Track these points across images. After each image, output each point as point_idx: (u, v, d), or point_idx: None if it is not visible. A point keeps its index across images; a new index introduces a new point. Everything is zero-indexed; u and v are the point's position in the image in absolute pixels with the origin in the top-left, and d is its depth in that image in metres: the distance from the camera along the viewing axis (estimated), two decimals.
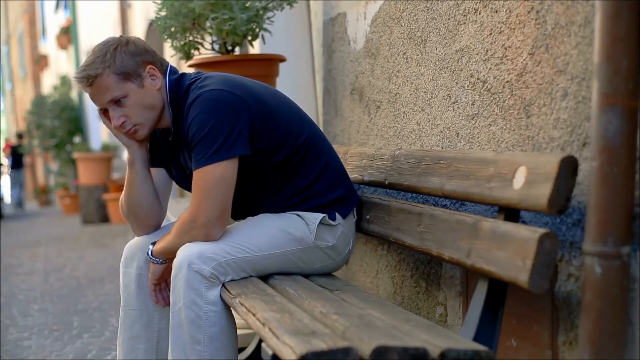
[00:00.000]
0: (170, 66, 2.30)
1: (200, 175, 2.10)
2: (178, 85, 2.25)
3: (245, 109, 2.14)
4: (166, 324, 2.34)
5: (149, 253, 2.29)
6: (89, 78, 2.18)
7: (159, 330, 2.37)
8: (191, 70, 3.28)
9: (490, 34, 2.09)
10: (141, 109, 2.21)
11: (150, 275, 2.31)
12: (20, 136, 17.10)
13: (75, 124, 12.08)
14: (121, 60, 2.17)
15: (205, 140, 2.08)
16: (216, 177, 2.09)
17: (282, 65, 3.29)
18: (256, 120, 2.16)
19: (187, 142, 2.17)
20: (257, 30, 3.15)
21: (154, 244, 2.29)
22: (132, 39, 2.24)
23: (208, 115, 2.10)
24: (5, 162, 17.65)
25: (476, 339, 1.72)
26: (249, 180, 2.21)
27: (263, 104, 2.20)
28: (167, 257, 2.26)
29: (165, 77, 2.25)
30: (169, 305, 2.25)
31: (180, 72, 2.31)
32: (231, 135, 2.09)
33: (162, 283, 2.32)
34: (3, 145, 20.28)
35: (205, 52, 3.25)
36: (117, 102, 2.20)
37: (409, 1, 2.56)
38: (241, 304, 1.94)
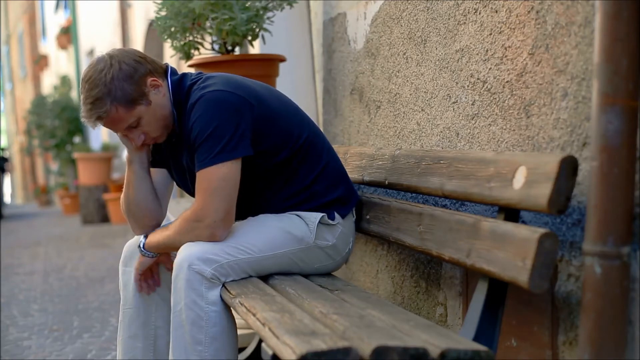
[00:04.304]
0: (171, 67, 2.30)
1: (205, 176, 2.10)
2: (180, 85, 2.24)
3: (248, 110, 2.14)
4: (163, 323, 2.34)
5: (141, 245, 2.28)
6: (100, 118, 2.18)
7: (155, 329, 2.37)
8: (191, 70, 3.29)
9: (490, 34, 2.09)
10: (156, 122, 2.22)
11: (137, 265, 2.30)
12: (2, 149, 18.28)
13: (75, 124, 12.07)
14: (122, 90, 2.14)
15: (209, 141, 2.08)
16: (220, 177, 2.09)
17: (282, 65, 3.29)
18: (258, 121, 2.16)
19: (189, 143, 2.17)
20: (257, 30, 3.15)
21: (146, 236, 2.28)
22: (121, 58, 2.17)
23: (211, 116, 2.09)
24: None
25: (476, 339, 1.72)
26: (250, 180, 2.21)
27: (265, 104, 2.20)
28: (160, 252, 2.26)
29: (166, 79, 2.25)
30: (153, 291, 2.30)
31: (179, 72, 2.31)
32: (234, 136, 2.09)
33: (147, 272, 2.33)
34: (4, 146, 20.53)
35: (205, 52, 3.25)
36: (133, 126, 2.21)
37: (409, 1, 2.56)
38: (241, 304, 1.94)
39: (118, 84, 2.13)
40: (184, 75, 2.28)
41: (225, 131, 2.09)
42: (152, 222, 2.38)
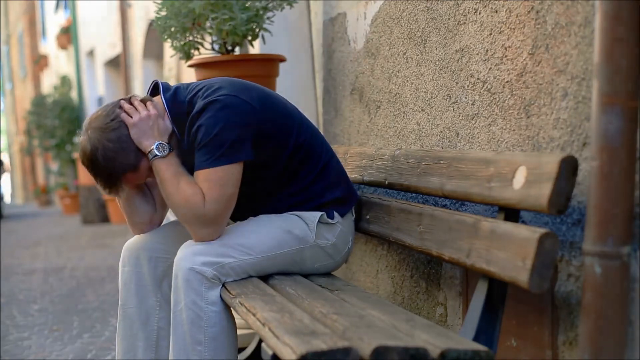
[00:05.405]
0: (162, 83, 2.29)
1: (206, 177, 2.10)
2: (175, 100, 2.24)
3: (253, 114, 2.14)
4: (165, 324, 2.34)
5: (156, 154, 2.17)
6: (119, 190, 2.24)
7: (158, 329, 2.37)
8: (191, 70, 3.29)
9: (490, 34, 2.09)
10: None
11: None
12: None
13: (75, 124, 12.07)
14: (119, 162, 2.16)
15: (213, 143, 2.08)
16: (220, 180, 2.09)
17: (282, 65, 3.29)
18: (261, 124, 2.16)
19: (189, 151, 2.17)
20: (257, 30, 3.15)
21: (166, 151, 2.17)
22: (101, 135, 2.15)
23: (217, 120, 2.09)
24: None
25: (476, 339, 1.72)
26: (251, 182, 2.21)
27: (267, 106, 2.20)
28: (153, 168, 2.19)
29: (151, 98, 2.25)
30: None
31: (168, 83, 2.31)
32: (237, 139, 2.10)
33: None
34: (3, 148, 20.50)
35: (205, 52, 3.25)
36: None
37: (409, 1, 2.56)
38: (241, 304, 1.94)
39: (113, 161, 2.16)
40: (177, 88, 2.27)
41: (229, 135, 2.09)
42: (145, 220, 2.38)
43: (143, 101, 2.23)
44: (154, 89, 2.31)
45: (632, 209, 1.53)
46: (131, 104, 2.22)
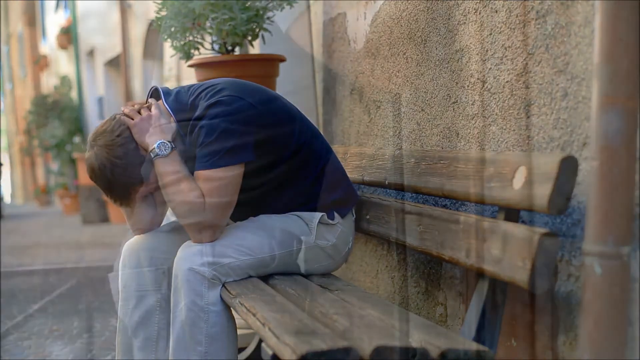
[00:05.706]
0: (162, 88, 2.28)
1: (206, 177, 2.10)
2: (177, 104, 2.24)
3: (255, 116, 2.14)
4: (165, 324, 2.34)
5: (157, 152, 2.16)
6: (131, 203, 2.24)
7: (158, 329, 2.37)
8: (191, 70, 3.29)
9: (490, 34, 2.09)
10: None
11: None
12: None
13: (75, 124, 12.07)
14: (128, 176, 2.17)
15: (214, 144, 2.08)
16: (220, 181, 2.09)
17: (282, 65, 3.29)
18: (262, 125, 2.16)
19: (192, 153, 2.17)
20: (257, 30, 3.15)
21: (168, 150, 2.16)
22: (108, 153, 2.15)
23: (219, 121, 2.09)
24: None
25: (476, 339, 1.72)
26: (251, 183, 2.21)
27: (267, 107, 2.20)
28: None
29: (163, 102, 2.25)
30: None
31: (166, 86, 2.31)
32: (239, 140, 2.09)
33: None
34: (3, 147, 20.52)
35: (205, 52, 3.25)
36: None
37: (409, 1, 2.56)
38: (241, 304, 1.94)
39: (122, 176, 2.16)
40: (178, 92, 2.27)
41: (231, 136, 2.09)
42: (144, 221, 2.37)
43: (147, 106, 2.24)
44: (154, 95, 2.31)
45: (632, 209, 1.53)
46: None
